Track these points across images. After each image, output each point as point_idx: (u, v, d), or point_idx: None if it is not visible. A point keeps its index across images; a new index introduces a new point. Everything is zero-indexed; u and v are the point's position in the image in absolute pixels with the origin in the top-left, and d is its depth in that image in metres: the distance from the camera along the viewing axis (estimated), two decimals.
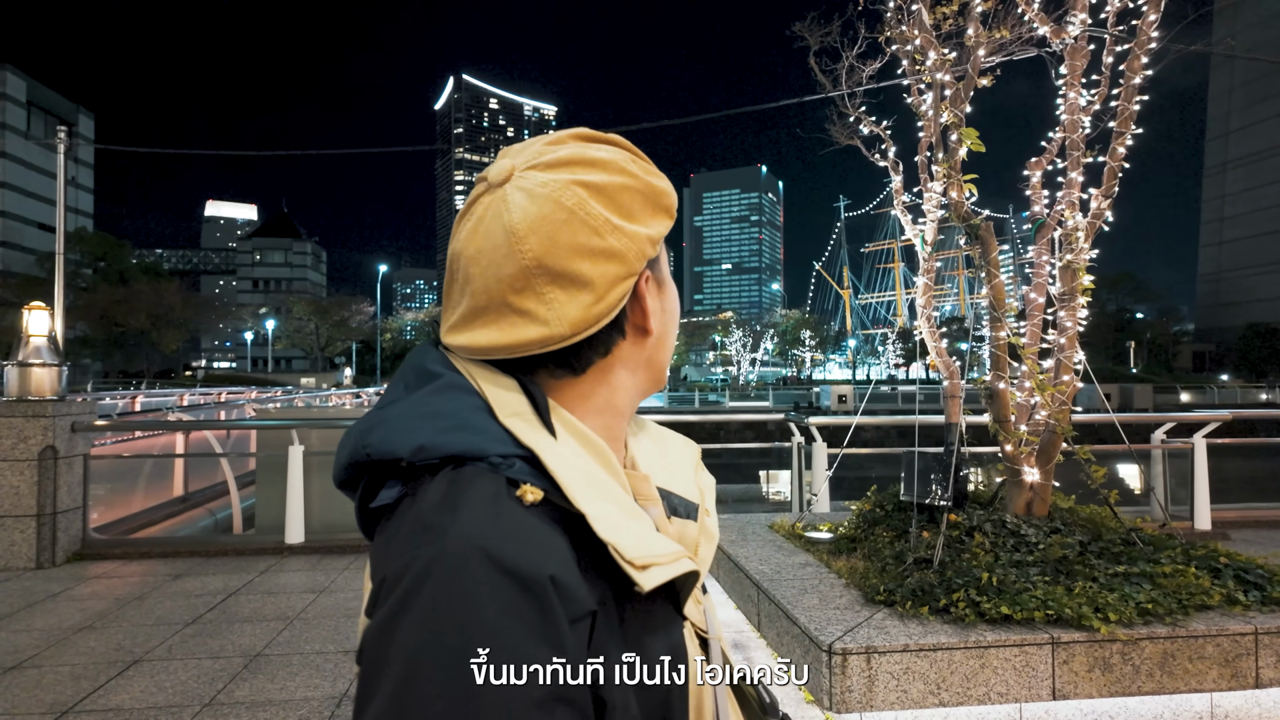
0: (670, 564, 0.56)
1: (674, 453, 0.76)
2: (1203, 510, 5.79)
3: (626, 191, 0.62)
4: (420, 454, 0.54)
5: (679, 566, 0.57)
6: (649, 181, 0.64)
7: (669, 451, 0.76)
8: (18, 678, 3.44)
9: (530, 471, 0.55)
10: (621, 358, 0.66)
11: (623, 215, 0.61)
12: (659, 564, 0.55)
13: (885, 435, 17.58)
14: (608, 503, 0.56)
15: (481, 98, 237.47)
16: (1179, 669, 2.91)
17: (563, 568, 0.51)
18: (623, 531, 0.54)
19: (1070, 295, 3.92)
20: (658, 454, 0.75)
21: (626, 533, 0.54)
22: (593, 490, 0.56)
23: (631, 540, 0.54)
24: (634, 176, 0.63)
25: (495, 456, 0.55)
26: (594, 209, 0.59)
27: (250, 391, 24.82)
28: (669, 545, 0.58)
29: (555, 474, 0.55)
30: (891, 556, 3.68)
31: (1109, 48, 3.93)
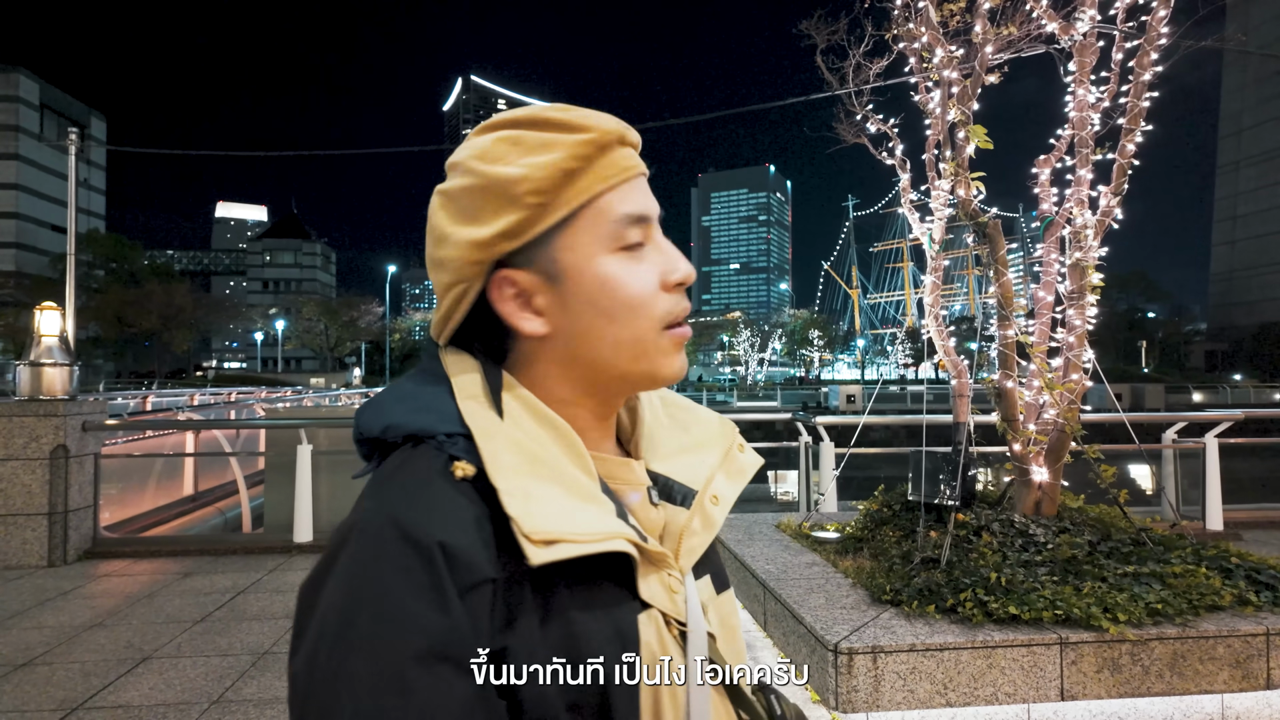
0: (585, 543, 0.56)
1: (697, 434, 0.74)
2: (1214, 510, 5.74)
3: (468, 194, 0.62)
4: (388, 432, 0.61)
5: (596, 547, 0.56)
6: (491, 175, 0.61)
7: (691, 432, 0.74)
8: (29, 674, 3.47)
9: (469, 449, 0.58)
10: (537, 354, 0.66)
11: (461, 219, 0.62)
12: (568, 541, 0.55)
13: (894, 435, 17.51)
14: (539, 480, 0.58)
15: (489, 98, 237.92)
16: (1189, 670, 2.88)
17: (458, 536, 0.54)
18: (533, 506, 0.56)
19: (1079, 293, 3.89)
20: (675, 436, 0.73)
21: (537, 508, 0.56)
22: (528, 467, 0.58)
23: (539, 515, 0.55)
24: (476, 174, 0.61)
25: (442, 435, 0.59)
26: (436, 220, 0.64)
27: (260, 391, 24.97)
28: (598, 526, 0.57)
29: (482, 452, 0.58)
30: (899, 556, 3.67)
31: (1118, 44, 3.90)
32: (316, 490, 6.01)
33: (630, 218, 0.63)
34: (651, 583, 0.62)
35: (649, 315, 0.64)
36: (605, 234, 0.63)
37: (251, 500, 7.99)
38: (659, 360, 0.65)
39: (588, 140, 0.62)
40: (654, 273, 0.64)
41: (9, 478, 5.44)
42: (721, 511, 0.69)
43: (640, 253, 0.64)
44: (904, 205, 4.86)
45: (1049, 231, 4.07)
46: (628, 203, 0.64)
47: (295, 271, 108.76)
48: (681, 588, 0.65)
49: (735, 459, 0.73)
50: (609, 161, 0.63)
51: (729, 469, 0.72)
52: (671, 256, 0.65)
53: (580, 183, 0.62)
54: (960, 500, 3.88)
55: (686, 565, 0.66)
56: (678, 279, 0.64)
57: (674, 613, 0.63)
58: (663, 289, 0.64)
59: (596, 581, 0.59)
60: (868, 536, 4.21)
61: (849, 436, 5.94)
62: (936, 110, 4.28)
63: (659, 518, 0.68)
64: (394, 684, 0.49)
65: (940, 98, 4.22)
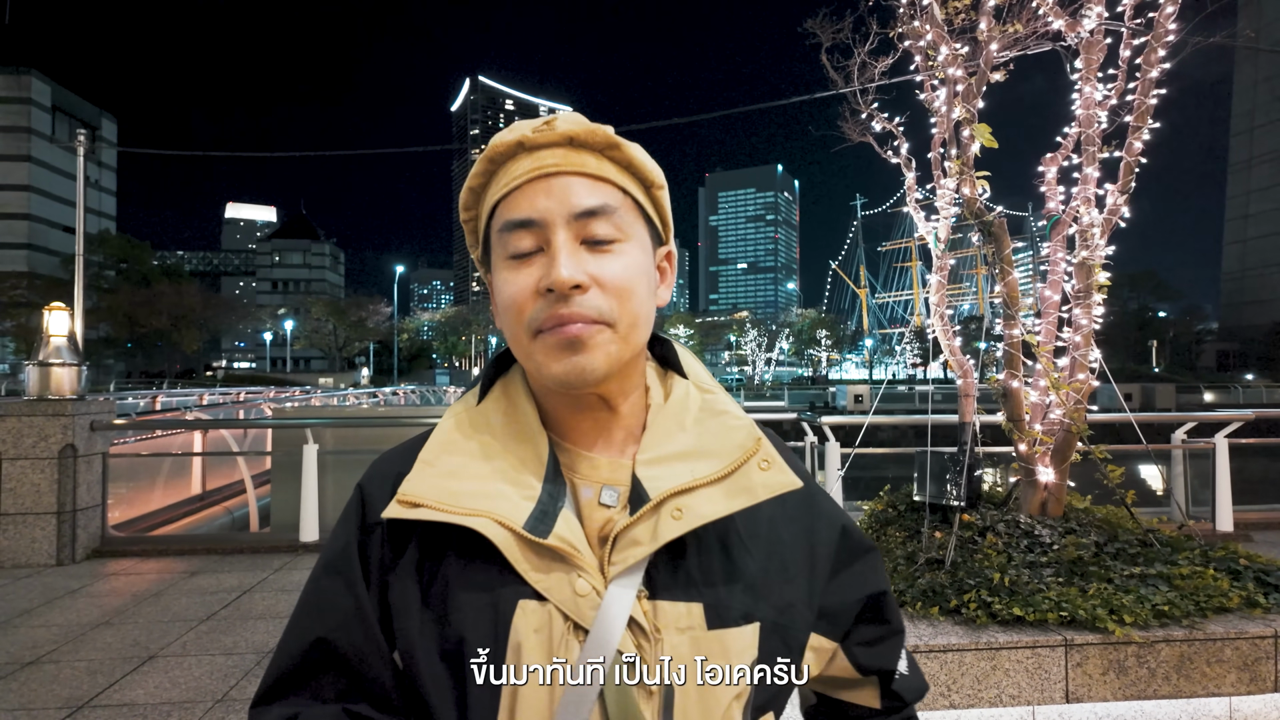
0: (444, 513, 0.63)
1: (707, 441, 0.70)
2: (1224, 511, 5.69)
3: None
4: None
5: (450, 518, 0.63)
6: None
7: (701, 439, 0.70)
8: (36, 672, 3.49)
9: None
10: None
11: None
12: (429, 507, 0.64)
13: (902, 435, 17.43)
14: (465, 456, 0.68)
15: (497, 99, 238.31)
16: (1196, 672, 2.85)
17: (375, 485, 0.71)
18: (429, 473, 0.66)
19: (1086, 292, 3.86)
20: (680, 440, 0.70)
21: (432, 476, 0.66)
22: (462, 444, 0.69)
23: (423, 482, 0.66)
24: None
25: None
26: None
27: (269, 391, 25.09)
28: (478, 504, 0.64)
29: (435, 428, 0.72)
30: (903, 557, 3.65)
31: (1126, 41, 3.87)
32: (322, 490, 6.03)
33: (510, 224, 0.66)
34: (552, 576, 0.63)
35: (517, 321, 0.66)
36: (498, 244, 0.68)
37: (259, 500, 8.03)
38: (536, 365, 0.67)
39: (484, 156, 0.67)
40: (534, 278, 0.65)
41: (18, 477, 5.48)
42: (682, 527, 0.64)
43: (529, 260, 0.66)
44: (909, 204, 4.83)
45: (1055, 230, 4.04)
46: (511, 210, 0.66)
47: (304, 272, 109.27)
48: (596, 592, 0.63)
49: (745, 476, 0.68)
50: (504, 171, 0.67)
51: (731, 486, 0.67)
52: (550, 262, 0.64)
53: (486, 197, 0.69)
54: (965, 501, 3.86)
55: (614, 570, 0.64)
56: (542, 284, 0.64)
57: (572, 612, 0.62)
58: (537, 294, 0.65)
59: (488, 559, 0.64)
60: (872, 537, 4.19)
61: (855, 436, 5.92)
62: (942, 108, 4.25)
63: (604, 517, 0.68)
64: (312, 583, 0.70)
65: (945, 96, 4.19)
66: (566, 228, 0.64)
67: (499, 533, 0.62)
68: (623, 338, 0.66)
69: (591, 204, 0.65)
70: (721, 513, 0.65)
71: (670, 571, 0.66)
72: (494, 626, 0.62)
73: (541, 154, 0.66)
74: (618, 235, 0.66)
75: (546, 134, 0.66)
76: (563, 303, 0.63)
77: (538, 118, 0.68)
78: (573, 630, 0.62)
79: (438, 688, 0.62)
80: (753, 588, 0.68)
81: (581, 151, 0.67)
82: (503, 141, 0.67)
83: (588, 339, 0.64)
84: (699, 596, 0.66)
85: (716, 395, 0.76)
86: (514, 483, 0.66)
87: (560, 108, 5.00)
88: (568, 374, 0.65)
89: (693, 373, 0.78)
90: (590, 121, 0.67)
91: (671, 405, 0.73)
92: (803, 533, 0.75)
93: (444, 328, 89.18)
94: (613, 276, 0.65)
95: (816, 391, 46.63)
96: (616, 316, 0.65)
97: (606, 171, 0.67)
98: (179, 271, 74.63)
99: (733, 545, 0.69)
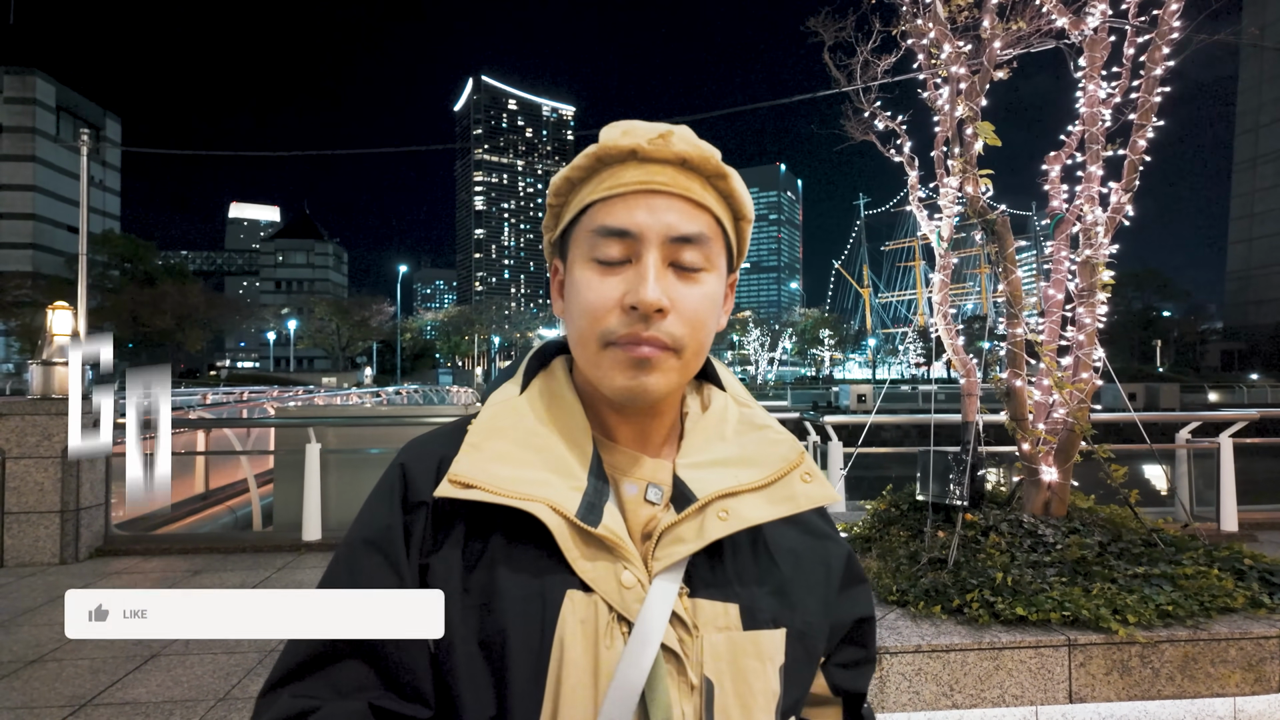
0: (497, 495, 0.63)
1: (749, 450, 0.73)
2: (1229, 511, 5.67)
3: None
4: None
5: (504, 500, 0.63)
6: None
7: (743, 448, 0.73)
8: (39, 670, 3.50)
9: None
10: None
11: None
12: (481, 489, 0.64)
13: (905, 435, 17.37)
14: (512, 442, 0.68)
15: (500, 99, 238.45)
16: (1200, 673, 2.84)
17: (418, 464, 0.70)
18: (478, 457, 0.66)
19: (1089, 291, 3.84)
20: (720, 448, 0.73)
21: (482, 460, 0.66)
22: (509, 431, 0.69)
23: (474, 464, 0.65)
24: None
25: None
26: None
27: (272, 391, 25.14)
28: (529, 490, 0.64)
29: (480, 414, 0.72)
30: (906, 556, 3.64)
31: (1130, 39, 3.85)
32: (325, 489, 6.03)
33: (605, 230, 0.66)
34: (598, 566, 0.64)
35: (593, 327, 0.67)
36: (585, 242, 0.68)
37: (262, 499, 8.04)
38: (600, 373, 0.68)
39: (589, 153, 0.67)
40: (618, 290, 0.66)
41: (22, 476, 5.50)
42: (728, 528, 0.66)
43: (616, 269, 0.66)
44: (912, 202, 4.82)
45: (1059, 229, 4.02)
46: (609, 216, 0.66)
47: (308, 271, 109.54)
48: (641, 585, 0.65)
49: (787, 486, 0.71)
50: (609, 174, 0.67)
51: (773, 494, 0.70)
52: (639, 279, 0.65)
53: (581, 191, 0.69)
54: (968, 500, 3.85)
55: (658, 566, 0.65)
56: (627, 300, 0.65)
57: (617, 604, 0.64)
58: (620, 308, 0.65)
59: (536, 546, 0.64)
60: (875, 536, 4.17)
61: (858, 436, 5.91)
62: (945, 107, 4.24)
63: (648, 514, 0.69)
64: (346, 561, 0.68)
65: (949, 94, 4.18)
66: (660, 248, 0.66)
67: (554, 518, 0.63)
68: (685, 364, 0.68)
69: (689, 231, 0.66)
70: (765, 518, 0.68)
71: (708, 571, 0.68)
72: (541, 616, 0.62)
73: (651, 168, 0.66)
74: (704, 265, 0.68)
75: (662, 149, 0.66)
76: (642, 323, 0.65)
77: (651, 123, 0.68)
78: (617, 621, 0.63)
79: (474, 677, 0.62)
80: (781, 595, 0.71)
81: (690, 175, 0.68)
82: (616, 146, 0.66)
83: (656, 363, 0.66)
84: (735, 597, 0.68)
85: (754, 410, 0.78)
86: (560, 473, 0.67)
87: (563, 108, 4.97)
88: (630, 390, 0.66)
89: (730, 386, 0.81)
90: (702, 142, 0.68)
91: (711, 416, 0.76)
92: (820, 550, 0.78)
93: (447, 327, 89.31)
94: (691, 306, 0.66)
95: (819, 391, 46.56)
96: (685, 344, 0.67)
97: (708, 200, 0.68)
98: (183, 271, 74.74)
99: (761, 553, 0.72)
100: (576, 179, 0.69)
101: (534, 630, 0.62)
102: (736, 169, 0.69)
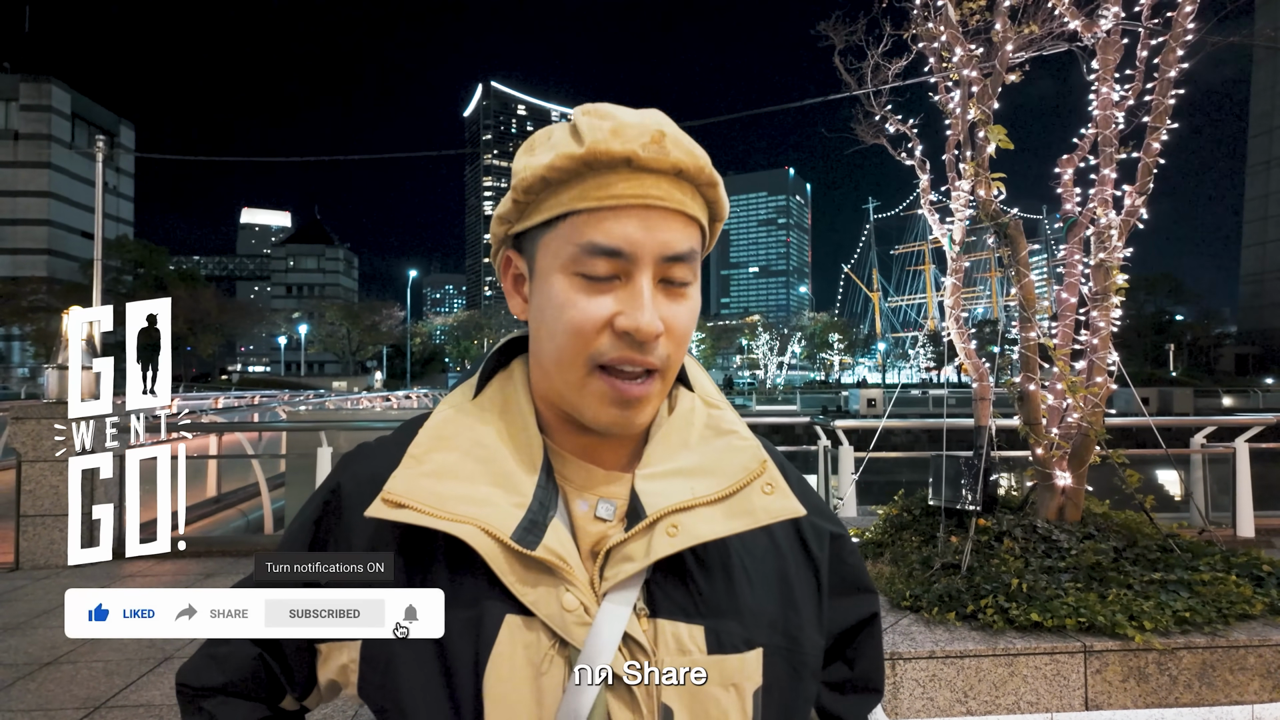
0: (427, 515, 0.60)
1: (710, 459, 0.67)
2: (1245, 517, 5.61)
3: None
4: None
5: (433, 523, 0.60)
6: (514, 161, 0.65)
7: (705, 456, 0.67)
8: (53, 672, 3.52)
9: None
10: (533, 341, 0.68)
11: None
12: (413, 509, 0.60)
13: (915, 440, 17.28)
14: (457, 454, 0.65)
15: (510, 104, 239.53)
16: (1219, 680, 2.81)
17: (351, 482, 0.68)
18: (417, 473, 0.63)
19: (1103, 295, 3.82)
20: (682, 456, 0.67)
21: (420, 477, 0.63)
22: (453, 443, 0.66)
23: (408, 480, 0.62)
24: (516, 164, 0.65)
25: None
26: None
27: (283, 395, 25.27)
28: (465, 509, 0.61)
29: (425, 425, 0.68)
30: (918, 562, 3.62)
31: (1143, 41, 3.83)
32: None
33: (595, 248, 0.60)
34: (539, 590, 0.60)
35: (579, 350, 0.61)
36: (564, 252, 0.61)
37: (273, 502, 8.07)
38: (583, 400, 0.63)
39: (571, 155, 0.59)
40: (607, 309, 0.60)
41: (37, 479, 5.54)
42: (675, 544, 0.61)
43: (603, 285, 0.61)
44: (924, 206, 4.81)
45: (1072, 232, 4.00)
46: (600, 233, 0.60)
47: (318, 276, 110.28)
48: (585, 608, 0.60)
49: (747, 498, 0.65)
50: (599, 183, 0.60)
51: (733, 507, 0.64)
52: (635, 304, 0.60)
53: (561, 195, 0.61)
54: (981, 505, 3.82)
55: (606, 586, 0.61)
56: (621, 324, 0.60)
57: (559, 628, 0.60)
58: (610, 330, 0.60)
59: (474, 568, 0.61)
60: (888, 541, 4.15)
61: (869, 440, 5.88)
62: (956, 110, 4.23)
63: (598, 531, 0.65)
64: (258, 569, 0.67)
65: (960, 97, 4.17)
66: (653, 267, 0.61)
67: (485, 542, 0.59)
68: (666, 381, 0.65)
69: (682, 249, 0.62)
70: (719, 533, 0.63)
71: (671, 591, 0.63)
72: (476, 642, 0.59)
73: (645, 180, 0.60)
74: (691, 279, 0.64)
75: (658, 159, 0.60)
76: (637, 348, 0.60)
77: (635, 112, 0.63)
78: (559, 647, 0.59)
79: (416, 703, 0.60)
80: (756, 612, 0.65)
81: (684, 186, 0.62)
82: (607, 151, 0.59)
83: (643, 396, 0.62)
84: (700, 619, 0.63)
85: (723, 412, 0.72)
86: (505, 487, 0.63)
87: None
88: (614, 426, 0.63)
89: (699, 386, 0.75)
90: (694, 146, 0.63)
91: (676, 419, 0.70)
92: (810, 554, 0.73)
93: (456, 332, 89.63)
94: (681, 325, 0.63)
95: (829, 395, 46.40)
96: (673, 363, 0.64)
97: (697, 212, 0.63)
98: (195, 276, 75.36)
99: (734, 568, 0.66)
100: (555, 180, 0.61)
101: (469, 658, 0.59)
102: (745, 173, 0.66)
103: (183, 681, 0.73)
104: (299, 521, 0.71)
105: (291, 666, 0.69)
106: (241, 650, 0.71)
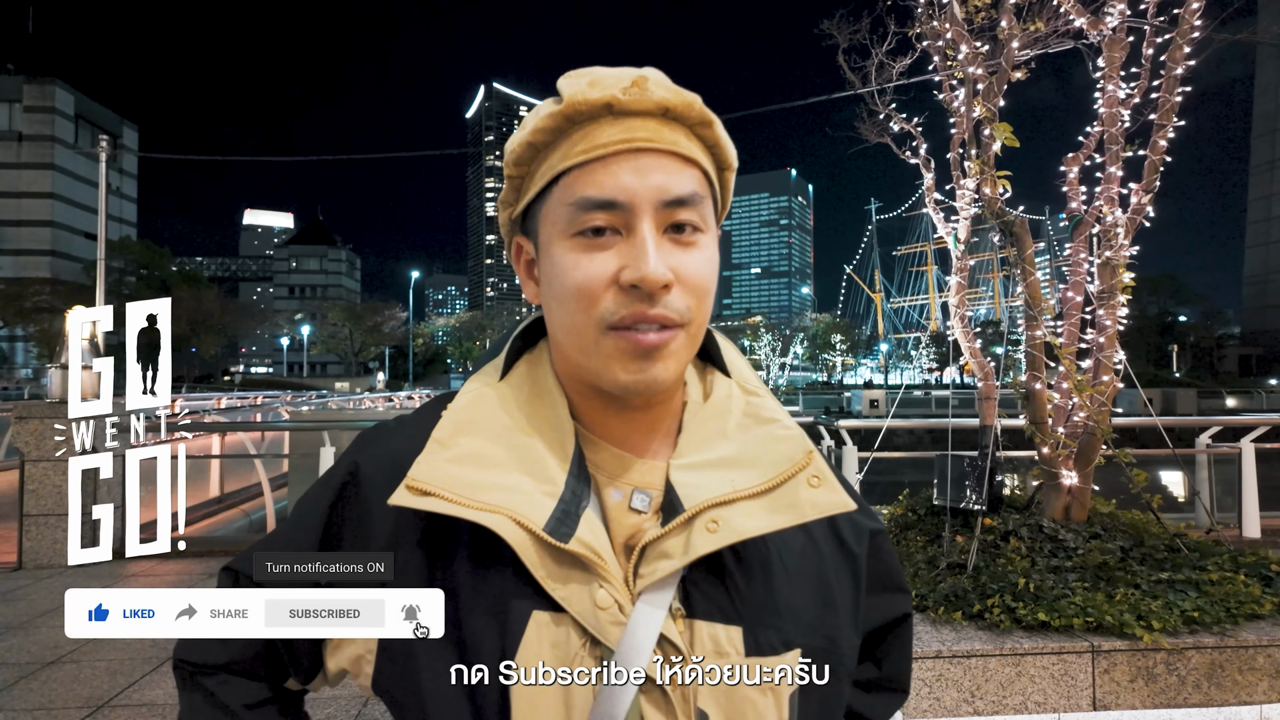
0: (454, 504, 0.57)
1: (752, 450, 0.64)
2: (1251, 517, 5.59)
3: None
4: None
5: (461, 512, 0.56)
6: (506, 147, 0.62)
7: (746, 447, 0.64)
8: (57, 672, 3.52)
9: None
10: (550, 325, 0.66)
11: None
12: (439, 497, 0.57)
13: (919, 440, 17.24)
14: (484, 439, 0.61)
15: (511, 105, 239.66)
16: (1228, 680, 2.79)
17: (371, 464, 0.64)
18: (443, 458, 0.59)
19: (1109, 293, 3.80)
20: (720, 446, 0.64)
21: (439, 460, 0.59)
22: (482, 427, 0.62)
23: (433, 467, 0.59)
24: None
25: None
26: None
27: (286, 395, 25.30)
28: (494, 498, 0.57)
29: (449, 408, 0.64)
30: (924, 561, 3.60)
31: (1149, 39, 3.81)
32: None
33: (587, 202, 0.57)
34: (571, 585, 0.57)
35: (587, 312, 0.58)
36: (561, 217, 0.59)
37: (276, 502, 8.07)
38: (600, 362, 0.60)
39: (552, 113, 0.57)
40: (610, 266, 0.57)
41: (40, 479, 5.54)
42: (717, 541, 0.58)
43: (603, 241, 0.58)
44: (929, 205, 4.79)
45: (1078, 230, 3.98)
46: (589, 185, 0.57)
47: (321, 277, 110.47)
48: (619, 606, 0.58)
49: (791, 492, 0.61)
50: (580, 135, 0.58)
51: (775, 500, 0.61)
52: (637, 253, 0.56)
53: (549, 158, 0.59)
54: (987, 505, 3.81)
55: (641, 584, 0.58)
56: (626, 277, 0.56)
57: (592, 626, 0.57)
58: (617, 286, 0.57)
59: (502, 560, 0.58)
60: (893, 541, 4.14)
61: (872, 441, 5.86)
62: (961, 108, 4.21)
63: (633, 524, 0.62)
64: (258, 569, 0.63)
65: (965, 95, 4.15)
66: (654, 215, 0.57)
67: (516, 534, 0.56)
68: (692, 339, 0.61)
69: (682, 192, 0.58)
70: (763, 529, 0.59)
71: (709, 590, 0.60)
72: (502, 639, 0.57)
73: (631, 123, 0.57)
74: (701, 225, 0.60)
75: (640, 99, 0.57)
76: (647, 301, 0.57)
77: (615, 68, 0.60)
78: (590, 646, 0.57)
79: (436, 699, 0.57)
80: (795, 612, 0.63)
81: (674, 126, 0.59)
82: (585, 100, 0.56)
83: (664, 348, 0.58)
84: (739, 619, 0.60)
85: (763, 399, 0.68)
86: (535, 475, 0.60)
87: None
88: (636, 384, 0.59)
89: (736, 371, 0.71)
90: (679, 87, 0.60)
91: (712, 406, 0.67)
92: (848, 551, 0.70)
93: (458, 332, 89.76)
94: (695, 274, 0.59)
95: (831, 396, 46.35)
96: (692, 317, 0.59)
97: (695, 152, 0.60)
98: (198, 277, 75.56)
99: (773, 565, 0.63)
100: (541, 144, 0.59)
101: (492, 654, 0.56)
102: (747, 174, 0.62)
103: (182, 658, 0.70)
104: (308, 503, 0.66)
105: (298, 653, 0.67)
106: None
